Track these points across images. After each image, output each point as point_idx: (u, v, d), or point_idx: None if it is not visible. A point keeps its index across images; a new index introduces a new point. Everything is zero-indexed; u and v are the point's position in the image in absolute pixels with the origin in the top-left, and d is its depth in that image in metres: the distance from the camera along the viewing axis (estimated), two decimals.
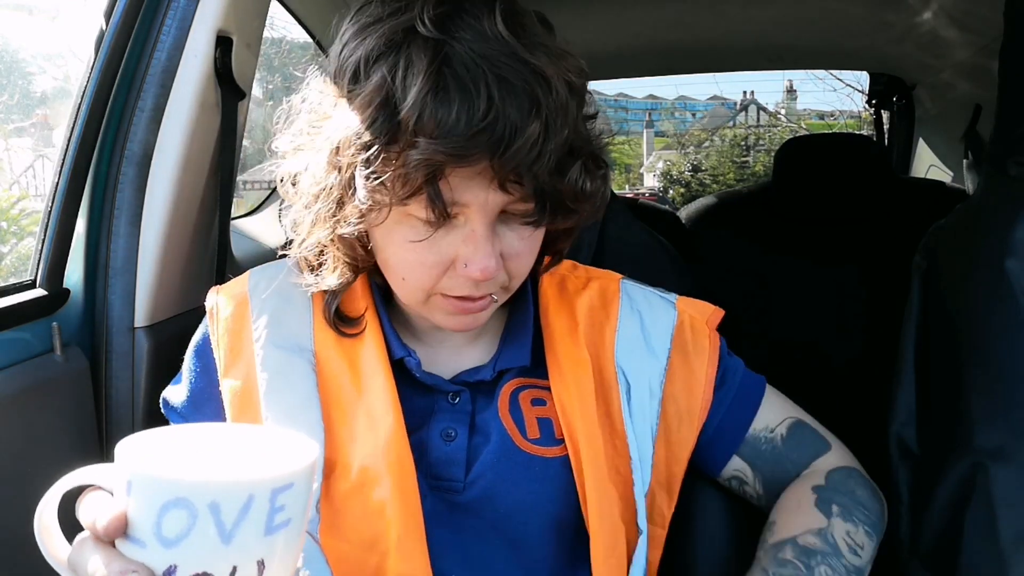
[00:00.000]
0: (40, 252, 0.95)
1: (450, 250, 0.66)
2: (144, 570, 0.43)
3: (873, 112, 2.88)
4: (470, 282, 0.67)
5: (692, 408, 0.78)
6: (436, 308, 0.70)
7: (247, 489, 0.44)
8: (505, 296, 0.73)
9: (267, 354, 0.74)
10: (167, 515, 0.44)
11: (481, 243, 0.64)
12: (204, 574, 0.44)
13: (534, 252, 0.71)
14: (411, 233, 0.65)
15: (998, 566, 0.88)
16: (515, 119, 0.59)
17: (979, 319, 0.96)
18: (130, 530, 0.45)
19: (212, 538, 0.44)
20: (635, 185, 17.91)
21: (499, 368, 0.76)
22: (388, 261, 0.70)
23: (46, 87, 1.65)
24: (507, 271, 0.69)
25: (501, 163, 0.59)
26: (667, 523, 0.78)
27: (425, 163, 0.59)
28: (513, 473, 0.73)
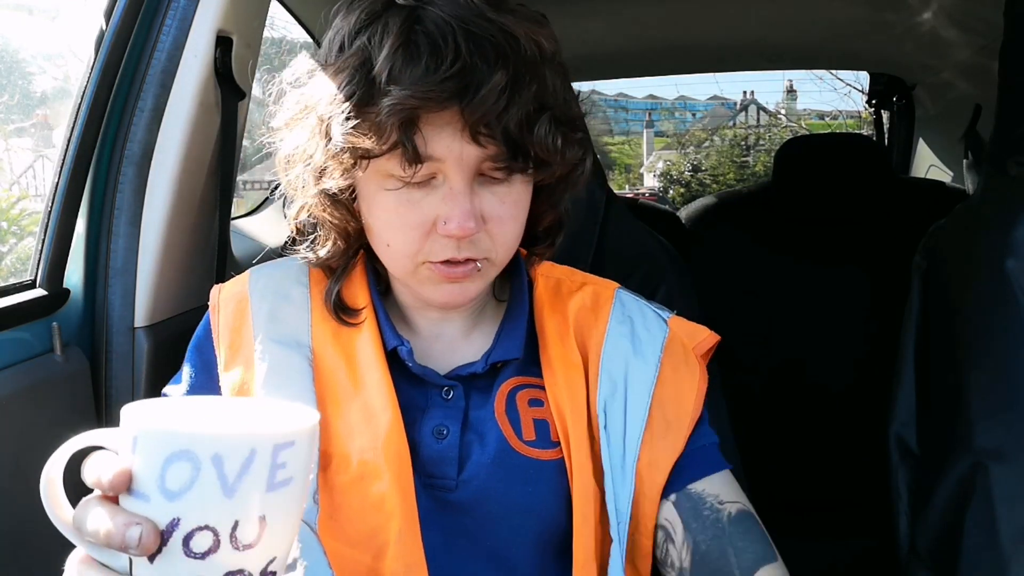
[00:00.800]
0: (40, 252, 0.95)
1: (430, 211, 0.67)
2: (148, 523, 0.44)
3: (873, 112, 2.88)
4: (452, 243, 0.68)
5: (681, 417, 0.77)
6: (424, 279, 0.72)
7: (249, 443, 0.45)
8: (492, 270, 0.73)
9: (265, 349, 0.76)
10: (171, 467, 0.44)
11: (459, 199, 0.66)
12: (206, 527, 0.44)
13: (516, 219, 0.72)
14: (392, 195, 0.68)
15: (998, 565, 0.88)
16: (482, 68, 0.62)
17: (979, 319, 0.96)
18: (134, 485, 0.45)
19: (215, 491, 0.44)
20: (635, 185, 17.91)
21: (492, 360, 0.77)
22: (373, 227, 0.72)
23: (46, 87, 1.65)
24: (490, 237, 0.70)
25: (470, 110, 0.62)
26: (652, 533, 0.75)
27: (397, 109, 0.61)
28: (508, 475, 0.73)
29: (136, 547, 0.44)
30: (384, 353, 0.75)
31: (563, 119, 0.70)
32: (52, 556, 0.82)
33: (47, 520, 0.54)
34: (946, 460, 0.96)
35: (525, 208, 0.73)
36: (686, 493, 0.75)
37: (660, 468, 0.75)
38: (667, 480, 0.75)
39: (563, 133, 0.69)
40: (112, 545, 0.44)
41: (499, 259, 0.73)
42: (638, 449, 0.74)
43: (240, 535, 0.45)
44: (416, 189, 0.67)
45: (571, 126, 0.72)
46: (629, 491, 0.73)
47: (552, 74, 0.68)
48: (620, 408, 0.76)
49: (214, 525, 0.44)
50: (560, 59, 0.71)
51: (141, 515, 0.44)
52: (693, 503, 0.74)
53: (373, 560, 0.69)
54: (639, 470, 0.74)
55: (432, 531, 0.70)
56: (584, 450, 0.74)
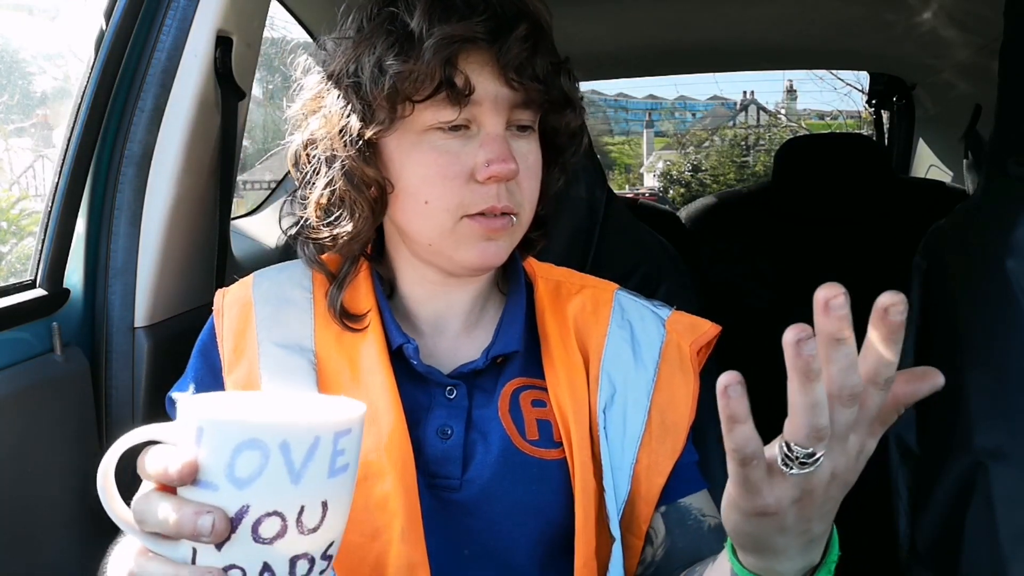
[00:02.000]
0: (40, 252, 0.95)
1: (468, 159, 0.71)
2: (217, 511, 0.45)
3: (873, 112, 2.88)
4: (491, 191, 0.71)
5: (679, 421, 0.78)
6: (462, 238, 0.73)
7: (314, 431, 0.46)
8: (518, 231, 0.76)
9: (268, 353, 0.76)
10: (240, 456, 0.45)
11: (499, 140, 0.71)
12: (275, 512, 0.46)
13: (537, 177, 0.76)
14: (429, 148, 0.71)
15: (998, 565, 0.88)
16: (509, 16, 0.70)
17: (979, 319, 0.96)
18: (201, 475, 0.46)
19: (283, 478, 0.46)
20: (635, 185, 17.90)
21: (492, 355, 0.77)
22: (409, 187, 0.73)
23: (46, 87, 1.65)
24: (521, 190, 0.74)
25: (503, 53, 0.69)
26: (643, 535, 0.77)
27: (442, 45, 0.67)
28: (512, 474, 0.73)
29: (209, 535, 0.45)
30: (388, 354, 0.76)
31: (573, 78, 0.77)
32: (53, 554, 0.82)
33: (48, 519, 0.55)
34: (946, 460, 0.96)
35: (540, 169, 0.77)
36: (675, 506, 0.77)
37: (659, 471, 0.76)
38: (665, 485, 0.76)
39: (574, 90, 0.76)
40: (183, 534, 0.45)
41: (524, 218, 0.75)
42: (636, 452, 0.76)
43: (305, 520, 0.47)
44: (453, 139, 0.71)
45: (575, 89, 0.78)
46: (624, 493, 0.75)
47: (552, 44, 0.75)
48: (620, 412, 0.77)
49: (282, 511, 0.46)
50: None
51: (210, 504, 0.45)
52: (680, 515, 0.77)
53: (376, 559, 0.69)
54: (637, 472, 0.75)
55: (435, 531, 0.70)
56: (586, 450, 0.74)
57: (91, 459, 1.00)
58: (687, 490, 0.78)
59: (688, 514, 0.77)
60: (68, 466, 0.96)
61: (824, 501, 0.49)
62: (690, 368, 0.80)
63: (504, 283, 0.84)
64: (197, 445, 0.46)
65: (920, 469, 1.05)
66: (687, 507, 0.77)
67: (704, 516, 0.78)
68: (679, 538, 0.76)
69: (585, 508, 0.72)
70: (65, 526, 0.95)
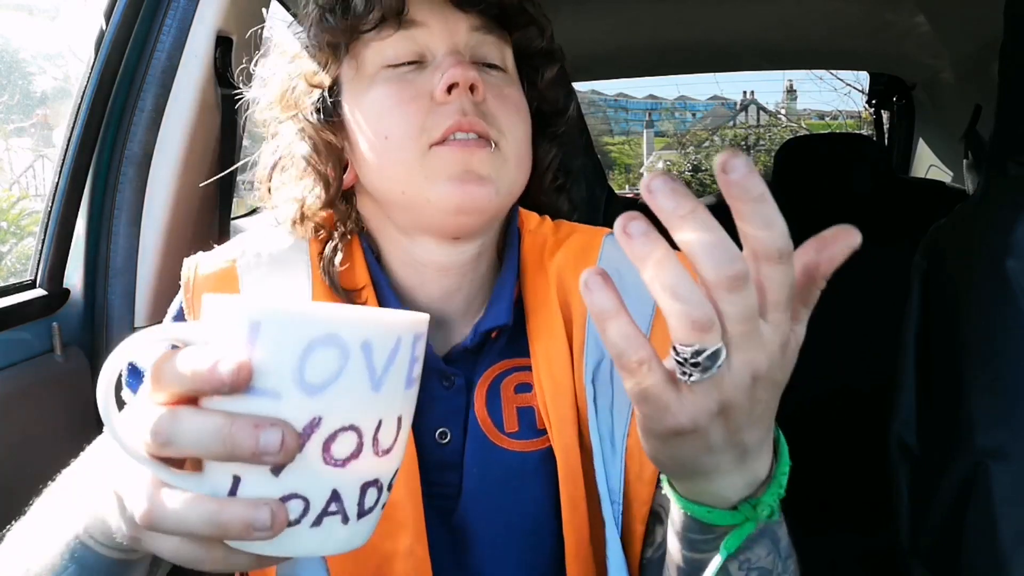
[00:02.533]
0: (40, 252, 0.95)
1: (426, 84, 0.65)
2: (283, 424, 0.36)
3: (873, 112, 2.88)
4: (454, 106, 0.63)
5: None
6: (436, 171, 0.64)
7: (396, 331, 0.39)
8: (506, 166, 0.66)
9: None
10: (313, 356, 0.37)
11: (451, 57, 0.65)
12: (351, 427, 0.38)
13: (521, 117, 0.68)
14: (383, 83, 0.66)
15: (998, 565, 0.88)
16: None
17: (979, 319, 0.96)
18: (255, 382, 0.36)
19: (363, 383, 0.38)
20: (635, 185, 17.89)
21: (481, 330, 0.69)
22: (367, 130, 0.66)
23: (46, 87, 1.65)
24: (495, 115, 0.66)
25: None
26: (645, 518, 0.67)
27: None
28: (490, 474, 0.67)
29: (276, 453, 0.35)
30: None
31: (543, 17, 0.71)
32: None
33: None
34: (946, 460, 0.96)
35: (526, 114, 0.70)
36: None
37: None
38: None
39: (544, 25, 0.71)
40: (238, 455, 0.36)
41: (510, 152, 0.66)
42: (628, 424, 0.67)
43: (381, 437, 0.39)
44: (408, 71, 0.66)
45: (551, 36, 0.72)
46: (619, 469, 0.66)
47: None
48: (606, 380, 0.68)
49: (359, 425, 0.38)
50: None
51: (271, 416, 0.36)
52: None
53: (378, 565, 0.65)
54: (629, 447, 0.67)
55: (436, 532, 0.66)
56: (568, 432, 0.67)
57: None
58: None
59: None
60: (68, 466, 0.96)
61: (752, 407, 0.40)
62: None
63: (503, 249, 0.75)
64: (251, 344, 0.36)
65: (920, 469, 1.05)
66: None
67: None
68: None
69: (572, 494, 0.66)
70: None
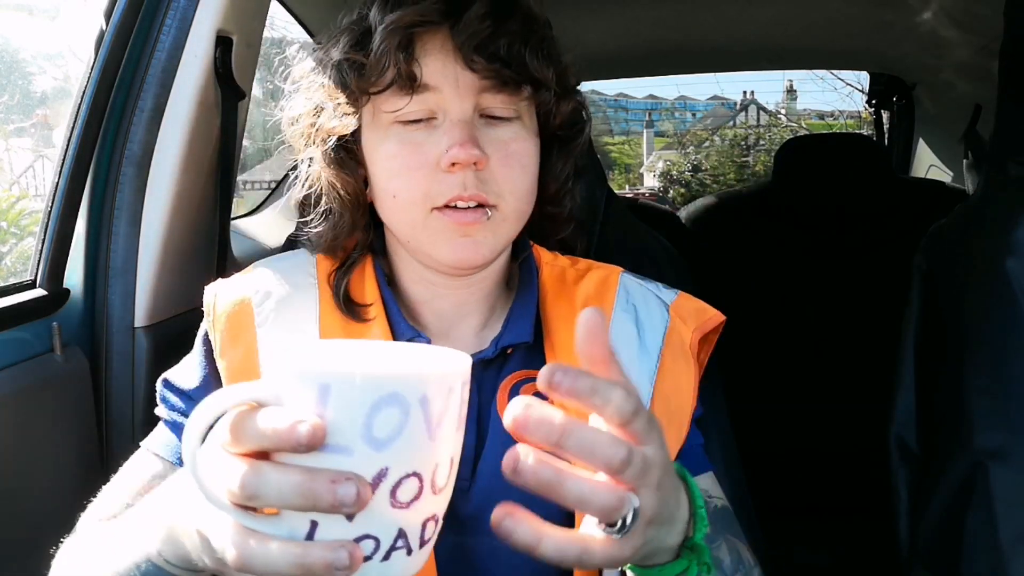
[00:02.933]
0: (40, 252, 0.95)
1: (433, 150, 0.68)
2: (357, 477, 0.40)
3: (873, 112, 2.88)
4: (457, 179, 0.67)
5: (683, 408, 0.77)
6: (435, 232, 0.70)
7: (449, 381, 0.43)
8: (503, 225, 0.71)
9: (269, 337, 0.73)
10: (378, 415, 0.41)
11: (459, 126, 0.67)
12: (414, 473, 0.42)
13: (525, 168, 0.72)
14: (395, 140, 0.69)
15: (998, 566, 0.88)
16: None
17: (979, 319, 0.96)
18: (329, 438, 0.41)
19: (422, 434, 0.42)
20: (635, 185, 17.88)
21: (501, 344, 0.75)
22: (379, 181, 0.72)
23: (46, 87, 1.65)
24: (496, 179, 0.70)
25: (459, 31, 0.67)
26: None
27: (390, 31, 0.66)
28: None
29: (352, 504, 0.40)
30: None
31: (558, 62, 0.73)
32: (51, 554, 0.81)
33: (48, 518, 0.54)
34: (946, 460, 0.96)
35: (533, 160, 0.73)
36: None
37: None
38: None
39: (558, 72, 0.72)
40: (319, 507, 0.40)
41: (509, 210, 0.71)
42: None
43: (438, 478, 0.44)
44: (418, 130, 0.69)
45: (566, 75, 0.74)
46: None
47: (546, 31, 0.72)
48: None
49: (420, 471, 0.43)
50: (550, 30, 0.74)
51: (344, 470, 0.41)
52: None
53: None
54: None
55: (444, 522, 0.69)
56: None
57: (91, 460, 1.00)
58: (697, 471, 0.76)
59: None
60: (68, 466, 0.96)
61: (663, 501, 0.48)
62: (690, 355, 0.78)
63: (512, 279, 0.81)
64: (322, 405, 0.41)
65: (920, 469, 1.05)
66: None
67: (711, 497, 0.76)
68: None
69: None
70: (65, 526, 0.95)
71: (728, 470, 1.03)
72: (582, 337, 0.46)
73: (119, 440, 1.01)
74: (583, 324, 0.46)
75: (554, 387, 0.42)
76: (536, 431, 0.42)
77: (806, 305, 1.91)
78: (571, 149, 0.78)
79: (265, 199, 1.85)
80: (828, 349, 1.88)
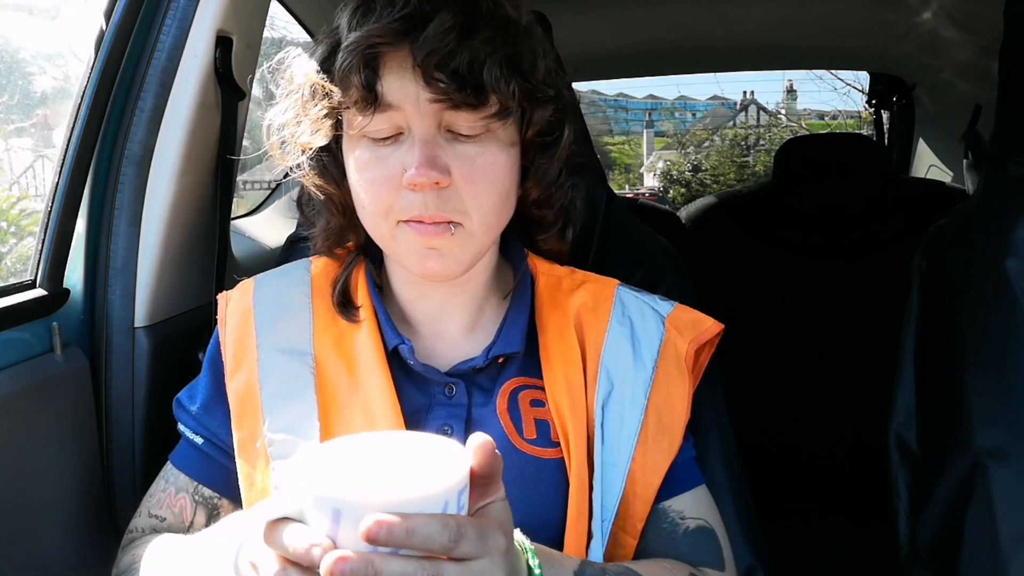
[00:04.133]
0: (40, 252, 0.95)
1: (396, 165, 0.69)
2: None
3: (873, 112, 2.88)
4: (418, 198, 0.68)
5: (675, 421, 0.78)
6: (402, 243, 0.71)
7: (443, 497, 0.49)
8: (470, 240, 0.71)
9: (267, 357, 0.77)
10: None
11: (419, 146, 0.67)
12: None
13: (492, 183, 0.70)
14: (365, 154, 0.70)
15: (998, 565, 0.88)
16: (429, 12, 0.66)
17: (979, 319, 0.96)
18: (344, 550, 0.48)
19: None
20: (635, 185, 17.88)
21: (492, 354, 0.76)
22: (353, 189, 0.73)
23: (46, 87, 1.65)
24: (461, 196, 0.69)
25: (420, 48, 0.65)
26: (638, 533, 0.76)
27: (351, 48, 0.66)
28: (509, 472, 0.73)
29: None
30: (385, 355, 0.76)
31: (527, 73, 0.70)
32: (52, 554, 0.82)
33: (47, 518, 0.54)
34: (946, 460, 0.96)
35: (503, 173, 0.71)
36: (655, 509, 0.77)
37: (656, 470, 0.76)
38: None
39: (524, 86, 0.69)
40: None
41: (476, 226, 0.71)
42: (632, 451, 0.75)
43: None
44: (384, 146, 0.69)
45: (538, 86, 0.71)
46: (619, 490, 0.74)
47: (521, 38, 0.70)
48: (617, 410, 0.76)
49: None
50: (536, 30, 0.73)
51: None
52: (657, 517, 0.77)
53: None
54: (633, 471, 0.75)
55: None
56: (582, 446, 0.74)
57: (90, 460, 1.00)
58: (679, 490, 0.78)
59: (665, 517, 0.77)
60: (68, 466, 0.96)
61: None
62: (684, 367, 0.80)
63: (505, 285, 0.83)
64: (336, 524, 0.48)
65: (920, 469, 1.05)
66: (665, 510, 0.77)
67: (683, 519, 0.77)
68: (651, 541, 0.76)
69: (578, 506, 0.72)
70: (64, 526, 0.95)
71: (728, 470, 1.03)
72: (475, 458, 0.51)
73: (119, 440, 1.01)
74: (477, 446, 0.51)
75: (371, 538, 0.46)
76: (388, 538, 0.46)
77: (806, 305, 1.91)
78: (554, 153, 0.77)
79: (265, 199, 1.86)
80: (828, 349, 1.88)
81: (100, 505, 1.01)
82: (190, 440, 0.81)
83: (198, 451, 0.81)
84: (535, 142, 0.75)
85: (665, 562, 0.74)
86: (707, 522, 0.78)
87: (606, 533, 0.73)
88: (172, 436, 0.83)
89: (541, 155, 0.76)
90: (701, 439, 0.85)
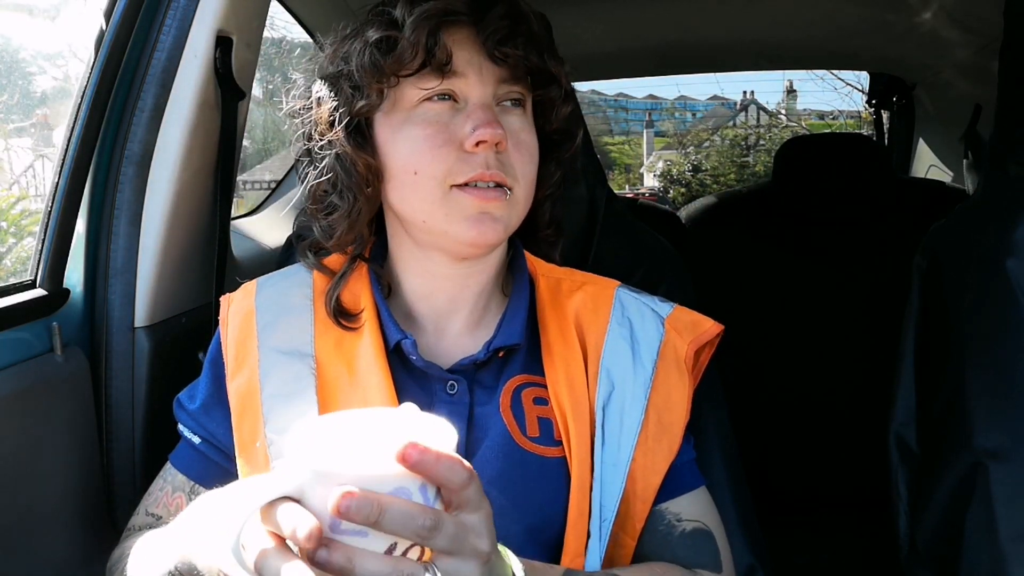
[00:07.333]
0: (40, 252, 0.95)
1: (457, 129, 0.73)
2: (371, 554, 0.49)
3: (873, 112, 2.88)
4: (480, 158, 0.72)
5: (675, 421, 0.78)
6: (455, 210, 0.73)
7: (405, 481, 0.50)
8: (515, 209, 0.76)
9: (268, 358, 0.78)
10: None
11: (485, 109, 0.73)
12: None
13: (532, 155, 0.77)
14: (420, 121, 0.74)
15: (998, 564, 0.88)
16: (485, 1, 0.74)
17: (979, 319, 0.96)
18: (344, 524, 0.49)
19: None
20: (635, 185, 17.88)
21: (493, 347, 0.77)
22: (399, 162, 0.75)
23: (46, 87, 1.65)
24: (512, 163, 0.74)
25: (483, 27, 0.73)
26: (638, 534, 0.77)
27: (422, 19, 0.71)
28: (512, 470, 0.73)
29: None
30: (385, 353, 0.76)
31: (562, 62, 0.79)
32: (53, 554, 0.82)
33: (48, 518, 0.54)
34: (946, 460, 0.96)
35: (536, 153, 0.78)
36: (652, 511, 0.78)
37: (656, 471, 0.77)
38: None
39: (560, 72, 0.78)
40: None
41: (521, 193, 0.76)
42: (632, 451, 0.76)
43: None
44: (443, 110, 0.74)
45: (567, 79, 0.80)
46: (619, 491, 0.75)
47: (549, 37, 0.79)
48: (617, 410, 0.77)
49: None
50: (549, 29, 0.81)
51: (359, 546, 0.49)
52: (653, 519, 0.77)
53: None
54: (632, 472, 0.75)
55: None
56: (585, 446, 0.75)
57: (90, 460, 1.00)
58: (678, 491, 0.79)
59: (661, 519, 0.78)
60: (68, 466, 0.96)
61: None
62: (684, 368, 0.80)
63: (508, 284, 0.84)
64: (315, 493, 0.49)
65: (920, 469, 1.06)
66: (662, 512, 0.78)
67: (679, 521, 0.78)
68: (647, 543, 0.77)
69: (579, 505, 0.73)
70: (65, 526, 0.95)
71: (728, 470, 1.03)
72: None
73: (119, 440, 1.01)
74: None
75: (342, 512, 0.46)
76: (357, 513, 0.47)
77: (806, 305, 1.91)
78: (562, 155, 0.82)
79: (265, 199, 1.86)
80: (828, 349, 1.88)
81: (100, 505, 1.01)
82: (189, 440, 0.82)
83: (196, 451, 0.81)
84: (551, 139, 0.81)
85: (657, 566, 0.75)
86: (704, 524, 0.79)
87: (606, 533, 0.73)
88: (172, 436, 0.84)
89: (552, 154, 0.82)
90: (701, 439, 0.86)
